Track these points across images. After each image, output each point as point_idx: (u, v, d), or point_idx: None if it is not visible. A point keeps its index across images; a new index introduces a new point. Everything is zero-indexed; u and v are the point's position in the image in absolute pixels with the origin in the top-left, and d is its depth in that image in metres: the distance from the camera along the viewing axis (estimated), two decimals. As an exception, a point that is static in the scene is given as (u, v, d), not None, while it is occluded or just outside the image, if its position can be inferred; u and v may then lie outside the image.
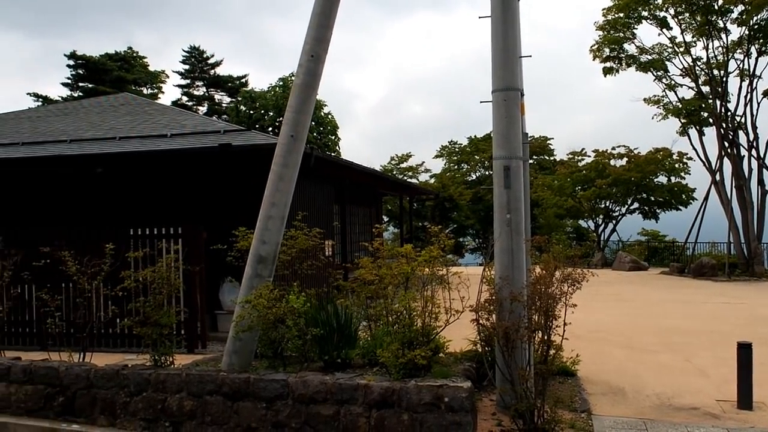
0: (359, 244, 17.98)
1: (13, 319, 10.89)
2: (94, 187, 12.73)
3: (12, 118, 18.55)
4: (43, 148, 13.31)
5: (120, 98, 20.86)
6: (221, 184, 12.13)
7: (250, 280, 7.36)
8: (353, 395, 6.37)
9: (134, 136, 13.36)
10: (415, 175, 47.59)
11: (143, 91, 51.64)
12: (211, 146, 11.36)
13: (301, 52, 7.52)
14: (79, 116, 17.48)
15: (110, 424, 7.22)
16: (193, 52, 56.54)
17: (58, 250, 8.94)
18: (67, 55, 51.28)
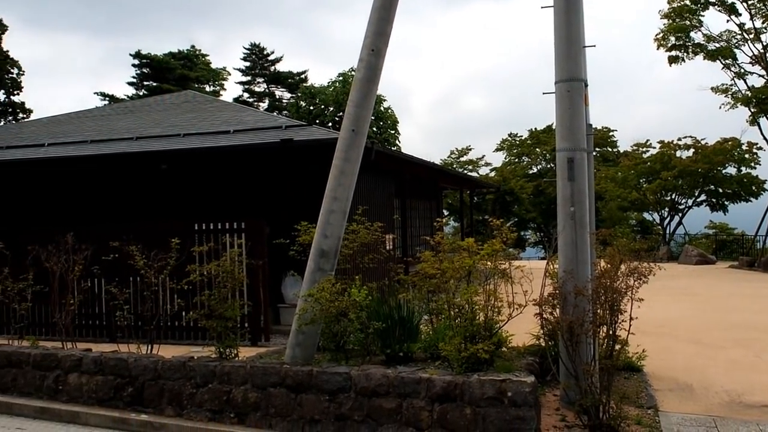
0: (420, 237, 17.97)
1: (84, 312, 11.21)
2: (159, 183, 13.02)
3: (80, 116, 19.12)
4: (110, 146, 13.67)
5: (183, 96, 21.27)
6: (283, 178, 12.27)
7: (312, 274, 7.42)
8: (415, 389, 6.37)
9: (197, 132, 13.60)
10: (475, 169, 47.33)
11: (205, 88, 52.59)
12: (273, 142, 11.49)
13: (362, 47, 7.53)
14: (144, 114, 17.90)
15: (177, 415, 7.38)
16: (254, 49, 57.28)
17: (127, 245, 9.18)
18: (132, 54, 52.59)
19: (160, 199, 12.97)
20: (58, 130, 16.82)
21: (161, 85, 48.73)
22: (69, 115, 19.78)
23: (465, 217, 27.89)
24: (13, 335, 10.09)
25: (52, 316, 9.97)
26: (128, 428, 7.37)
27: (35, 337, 9.98)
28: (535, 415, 6.05)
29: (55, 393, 8.15)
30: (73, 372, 8.14)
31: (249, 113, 16.63)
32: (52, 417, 7.85)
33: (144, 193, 13.20)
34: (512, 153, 49.70)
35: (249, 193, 12.39)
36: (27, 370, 8.43)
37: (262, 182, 12.40)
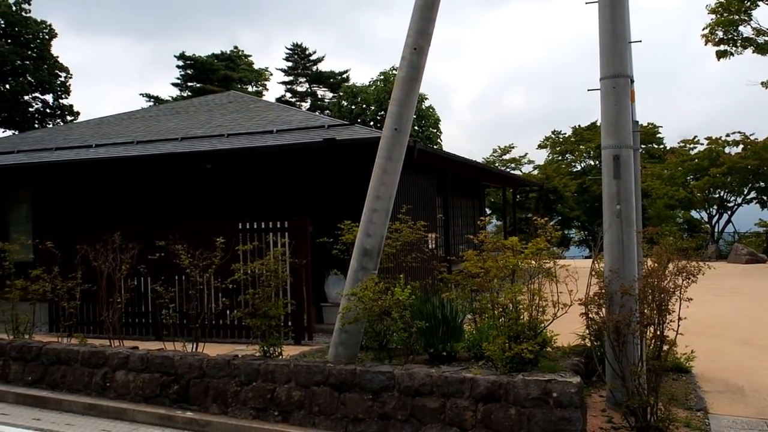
0: (462, 236, 17.89)
1: (131, 311, 11.39)
2: (204, 182, 13.16)
3: (127, 118, 19.43)
4: (157, 147, 13.86)
5: (227, 96, 21.48)
6: (326, 178, 12.32)
7: (355, 273, 7.43)
8: (459, 388, 6.33)
9: (242, 132, 13.72)
10: (518, 167, 46.96)
11: (248, 88, 53.08)
12: (316, 141, 11.54)
13: (404, 45, 7.51)
14: (189, 115, 18.12)
15: (222, 413, 7.44)
16: (296, 49, 57.65)
17: (172, 244, 9.30)
18: (177, 56, 53.37)
19: (205, 198, 13.12)
20: (106, 131, 17.12)
21: (205, 86, 49.35)
22: (116, 116, 20.12)
23: (508, 216, 27.69)
24: (62, 333, 10.31)
25: (99, 314, 10.15)
26: (174, 425, 7.45)
27: (83, 334, 10.16)
28: (581, 416, 5.97)
29: (103, 390, 8.28)
30: (120, 369, 8.27)
31: (292, 113, 16.72)
32: (100, 413, 7.98)
33: (189, 193, 13.36)
34: (555, 150, 49.15)
35: (292, 193, 12.46)
36: (76, 367, 8.59)
37: (305, 181, 12.46)
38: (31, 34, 42.08)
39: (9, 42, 41.12)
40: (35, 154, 15.38)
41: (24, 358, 9.03)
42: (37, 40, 42.39)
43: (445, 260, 11.58)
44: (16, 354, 9.10)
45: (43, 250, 10.68)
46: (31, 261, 12.22)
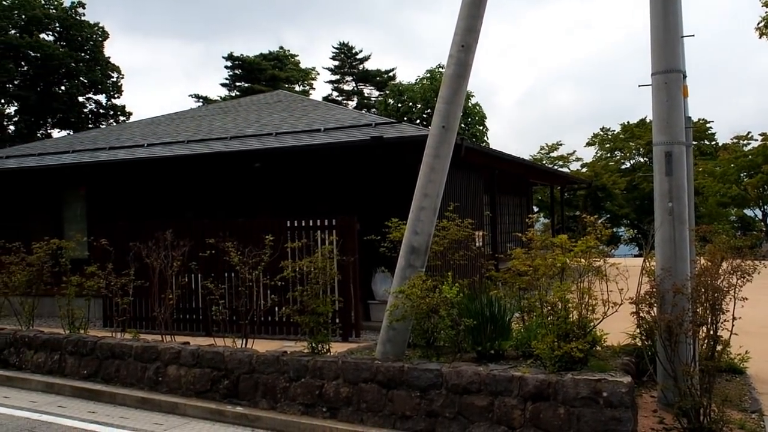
0: (509, 234, 17.78)
1: (182, 306, 11.58)
2: (253, 180, 13.32)
3: (177, 117, 19.75)
4: (206, 146, 14.06)
5: (275, 96, 21.68)
6: (373, 175, 12.36)
7: (402, 271, 7.44)
8: (507, 387, 6.30)
9: (290, 131, 13.84)
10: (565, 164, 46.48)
11: (295, 88, 53.54)
12: (364, 139, 11.58)
13: (452, 43, 7.50)
14: (238, 114, 18.34)
15: (271, 408, 7.53)
16: (342, 48, 57.92)
17: (222, 241, 9.43)
18: (225, 57, 54.11)
19: (253, 196, 13.27)
20: (157, 130, 17.43)
21: (253, 86, 49.93)
22: (167, 116, 20.47)
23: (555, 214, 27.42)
24: (115, 328, 10.54)
25: (151, 309, 10.35)
26: (224, 420, 7.56)
27: (136, 330, 10.36)
28: (632, 417, 5.89)
29: (155, 384, 8.45)
30: (172, 364, 8.42)
31: (340, 111, 16.81)
32: (153, 407, 8.14)
33: (237, 191, 13.53)
34: (604, 148, 48.47)
35: (340, 190, 12.53)
36: (129, 361, 8.78)
37: (353, 179, 12.52)
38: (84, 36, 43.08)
39: (64, 45, 42.17)
40: (89, 153, 15.74)
41: (79, 352, 9.26)
42: (90, 42, 43.40)
43: (493, 258, 11.54)
44: (72, 348, 9.34)
45: (98, 247, 10.94)
46: (86, 258, 12.54)
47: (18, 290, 10.78)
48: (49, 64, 40.53)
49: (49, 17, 42.37)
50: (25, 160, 16.36)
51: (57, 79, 42.50)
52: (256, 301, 9.47)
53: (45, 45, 40.62)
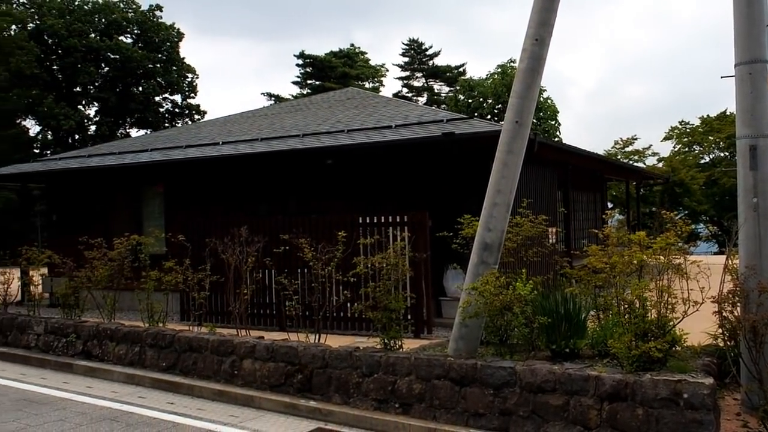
0: (583, 231, 17.47)
1: (256, 302, 11.76)
2: (324, 177, 13.44)
3: (251, 116, 20.09)
4: (278, 143, 14.25)
5: (346, 93, 21.82)
6: (444, 172, 12.31)
7: (475, 267, 7.39)
8: (583, 386, 6.19)
9: (361, 128, 13.90)
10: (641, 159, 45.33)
11: (365, 85, 53.77)
12: (435, 135, 11.53)
13: (525, 36, 7.40)
14: (310, 111, 18.53)
15: (344, 403, 7.58)
16: (412, 44, 57.88)
17: (295, 238, 9.55)
18: (296, 55, 54.83)
19: (325, 192, 13.39)
20: (231, 129, 17.76)
21: (324, 84, 50.41)
22: (241, 114, 20.84)
23: (631, 210, 26.82)
24: (192, 322, 10.79)
25: (227, 304, 10.55)
26: (298, 414, 7.66)
27: (212, 324, 10.59)
28: (714, 419, 5.71)
29: (231, 377, 8.61)
30: (247, 358, 8.57)
31: (411, 108, 16.81)
32: (229, 400, 8.30)
33: (309, 187, 13.68)
34: (682, 142, 47.04)
35: (411, 187, 12.53)
36: (206, 355, 8.97)
37: (424, 176, 12.50)
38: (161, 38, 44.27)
39: (141, 47, 43.43)
40: (167, 152, 16.15)
41: (158, 345, 9.52)
42: (166, 44, 44.59)
43: (567, 255, 11.35)
44: (152, 341, 9.61)
45: (175, 243, 11.22)
46: (163, 253, 12.88)
47: (100, 284, 11.15)
48: (127, 65, 41.81)
49: (128, 20, 43.72)
50: (107, 159, 16.91)
51: (135, 80, 43.81)
52: (328, 296, 9.56)
53: (124, 47, 41.93)
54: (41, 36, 40.08)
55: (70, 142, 41.04)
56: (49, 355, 10.74)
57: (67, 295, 11.67)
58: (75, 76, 41.23)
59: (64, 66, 41.19)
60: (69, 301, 11.69)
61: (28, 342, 11.22)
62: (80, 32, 40.65)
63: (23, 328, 11.44)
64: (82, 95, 43.33)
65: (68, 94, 41.98)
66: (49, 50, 41.03)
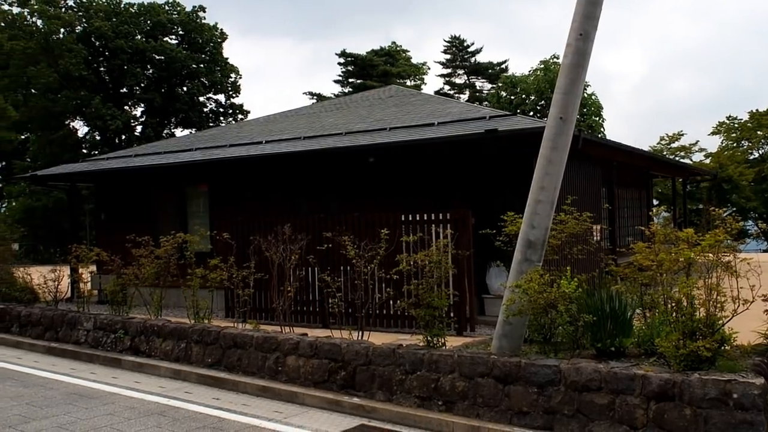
0: (628, 228, 17.23)
1: (299, 299, 11.84)
2: (366, 175, 13.47)
3: (292, 115, 20.24)
4: (320, 142, 14.32)
5: (387, 91, 21.84)
6: (487, 169, 12.25)
7: (519, 265, 7.33)
8: (629, 385, 6.11)
9: (402, 126, 13.89)
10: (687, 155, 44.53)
11: (406, 83, 53.76)
12: (478, 132, 11.47)
13: (569, 31, 7.31)
14: (351, 110, 18.59)
15: (387, 400, 7.60)
16: (454, 41, 57.75)
17: (338, 235, 9.60)
18: (338, 53, 55.06)
19: (367, 190, 13.43)
20: (274, 128, 17.91)
21: (365, 82, 50.55)
22: (283, 113, 21.00)
23: (677, 207, 26.37)
24: (236, 318, 10.92)
25: (271, 301, 10.66)
26: (341, 410, 7.70)
27: (256, 321, 10.67)
28: (765, 420, 5.59)
29: (275, 374, 8.69)
30: (291, 355, 8.64)
31: (452, 105, 16.75)
32: (273, 396, 8.38)
33: (351, 185, 13.74)
34: (730, 137, 46.07)
35: (453, 184, 12.50)
36: (250, 351, 9.07)
37: (466, 173, 12.45)
38: (204, 39, 44.84)
39: (186, 48, 44.03)
40: (210, 151, 16.35)
41: (204, 341, 9.65)
42: (210, 44, 45.14)
43: (612, 253, 11.21)
44: (197, 337, 9.74)
45: (220, 241, 11.36)
46: (208, 251, 13.05)
47: (147, 281, 11.34)
48: (172, 66, 42.47)
49: (172, 21, 44.38)
50: (152, 159, 17.19)
51: (179, 81, 44.48)
52: (371, 294, 9.58)
53: (168, 48, 42.61)
54: (89, 38, 40.93)
55: (117, 142, 41.83)
56: (98, 350, 10.96)
57: (115, 292, 11.90)
58: (121, 78, 42.04)
59: (111, 67, 42.01)
60: (117, 297, 11.92)
61: (78, 338, 11.47)
62: (126, 34, 41.42)
63: (73, 324, 11.69)
64: (128, 96, 44.13)
65: (115, 95, 42.79)
66: (96, 52, 41.89)
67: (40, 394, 8.72)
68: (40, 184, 24.13)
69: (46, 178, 19.52)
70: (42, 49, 37.72)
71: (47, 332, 12.13)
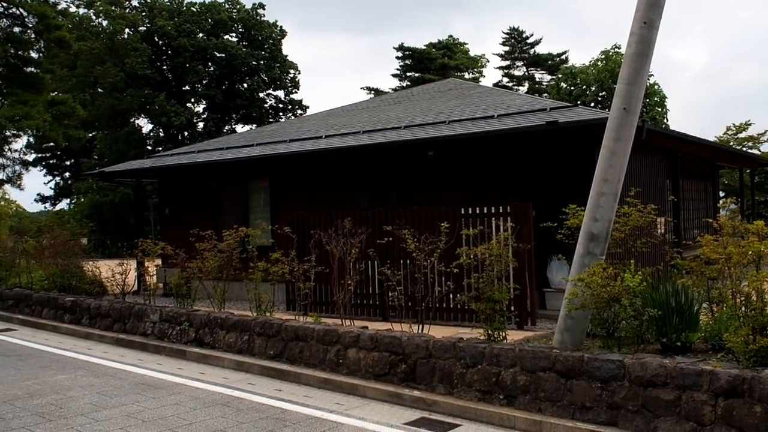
0: (693, 220, 16.83)
1: (359, 292, 11.90)
2: (426, 168, 13.45)
3: (352, 109, 20.33)
4: (380, 135, 14.36)
5: (446, 84, 21.74)
6: (548, 161, 12.10)
7: (581, 258, 7.24)
8: (697, 381, 5.97)
9: (462, 119, 13.83)
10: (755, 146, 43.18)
11: (464, 76, 53.45)
12: (538, 125, 11.34)
13: (633, 20, 7.18)
14: (411, 103, 18.58)
15: (448, 393, 7.59)
16: (512, 33, 57.14)
17: (398, 229, 9.62)
18: (396, 47, 55.04)
19: (426, 183, 13.41)
20: (333, 122, 18.03)
21: (423, 75, 50.44)
22: (342, 108, 21.12)
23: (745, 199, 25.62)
24: (297, 311, 11.05)
25: (331, 294, 10.76)
26: (402, 403, 7.72)
27: (317, 313, 10.80)
28: (841, 418, 5.41)
29: (336, 366, 8.76)
30: (351, 347, 8.70)
31: (512, 97, 16.61)
32: (334, 388, 8.45)
33: (411, 178, 13.74)
34: (801, 127, 44.59)
35: (513, 177, 12.39)
36: (311, 343, 9.16)
37: (527, 165, 12.33)
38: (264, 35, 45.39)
39: (246, 45, 44.65)
40: (272, 146, 16.53)
41: (266, 333, 9.79)
42: (269, 41, 45.66)
43: (676, 246, 10.96)
44: (260, 330, 9.89)
45: (281, 235, 11.51)
46: (270, 245, 13.24)
47: (210, 275, 11.55)
48: (232, 63, 43.11)
49: (232, 19, 45.02)
50: (214, 154, 17.50)
51: (240, 78, 45.13)
52: (431, 287, 9.57)
53: (229, 46, 43.25)
54: (152, 38, 41.84)
55: (180, 138, 42.70)
56: (164, 342, 11.23)
57: (180, 285, 12.17)
58: (184, 75, 42.87)
59: (174, 65, 42.88)
60: (181, 290, 12.19)
61: (145, 329, 11.77)
62: (188, 32, 42.20)
63: (140, 316, 12.00)
64: (190, 93, 44.99)
65: (178, 93, 43.67)
66: (159, 51, 42.81)
67: (110, 383, 8.99)
68: (107, 181, 24.78)
69: (114, 174, 20.05)
70: (108, 49, 38.70)
71: (115, 324, 12.48)
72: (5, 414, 7.52)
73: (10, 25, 23.66)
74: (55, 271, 15.56)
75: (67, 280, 15.15)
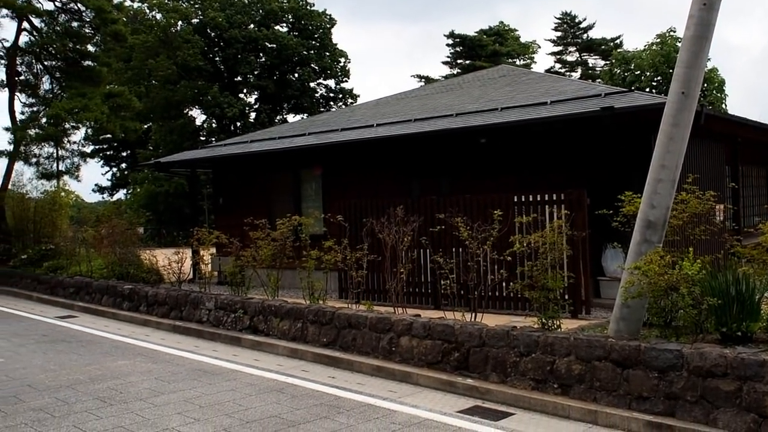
0: (755, 208, 16.38)
1: (411, 280, 11.91)
2: (477, 155, 13.37)
3: (403, 97, 20.29)
4: (431, 123, 14.30)
5: (498, 71, 21.53)
6: (602, 148, 11.91)
7: (638, 246, 7.12)
8: (758, 372, 5.83)
9: (514, 105, 13.68)
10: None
11: (516, 62, 52.89)
12: (593, 110, 11.14)
13: (692, 2, 7.00)
14: (462, 91, 18.46)
15: (501, 382, 7.56)
16: (565, 17, 56.36)
17: (451, 217, 9.58)
18: (446, 35, 54.75)
19: (478, 170, 13.33)
20: (384, 111, 18.02)
21: (474, 63, 50.10)
22: (393, 96, 21.09)
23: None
24: (350, 299, 11.11)
25: (384, 282, 10.78)
26: (454, 391, 7.72)
27: (369, 301, 10.83)
28: None
29: (389, 353, 8.80)
30: (404, 335, 8.72)
31: (566, 83, 16.36)
32: (387, 375, 8.49)
33: (462, 166, 13.66)
34: None
35: (567, 164, 12.22)
36: (364, 331, 9.21)
37: (581, 152, 12.15)
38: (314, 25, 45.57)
39: (296, 35, 44.90)
40: (323, 135, 16.61)
41: (319, 321, 9.88)
42: (319, 30, 45.82)
43: (736, 233, 10.70)
44: (313, 318, 9.98)
45: (334, 223, 11.58)
46: (322, 233, 13.31)
47: (264, 263, 11.70)
48: (283, 53, 43.40)
49: (283, 9, 45.28)
50: (267, 144, 17.66)
51: (291, 68, 45.41)
52: (484, 275, 9.52)
53: (280, 36, 43.53)
54: (204, 29, 42.34)
55: (232, 129, 43.20)
56: (219, 329, 11.42)
57: (234, 273, 12.35)
58: (236, 66, 43.32)
59: (226, 57, 43.36)
60: (236, 279, 12.37)
61: (201, 317, 11.98)
62: (240, 24, 42.60)
63: (196, 303, 12.22)
64: (242, 84, 45.46)
65: (230, 84, 44.17)
66: (211, 43, 43.31)
67: (168, 369, 9.18)
68: (162, 171, 25.19)
69: (169, 164, 20.40)
70: (161, 42, 39.32)
71: (172, 311, 12.74)
72: (68, 398, 7.75)
73: (68, 20, 24.19)
74: (114, 260, 15.96)
75: (125, 268, 15.51)
